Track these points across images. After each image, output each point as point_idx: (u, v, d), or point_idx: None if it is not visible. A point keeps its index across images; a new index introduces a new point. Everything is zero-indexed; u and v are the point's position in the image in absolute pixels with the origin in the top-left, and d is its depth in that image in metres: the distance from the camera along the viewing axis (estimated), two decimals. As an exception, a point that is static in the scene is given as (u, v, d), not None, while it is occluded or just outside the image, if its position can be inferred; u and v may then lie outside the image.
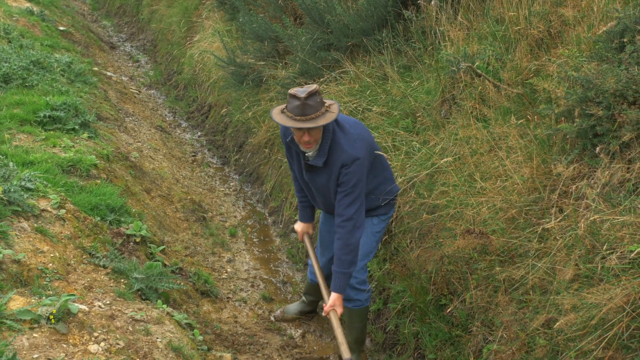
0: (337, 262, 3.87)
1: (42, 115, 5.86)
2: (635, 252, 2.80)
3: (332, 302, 3.86)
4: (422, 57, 5.56)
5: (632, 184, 3.15)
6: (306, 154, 3.87)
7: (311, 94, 3.57)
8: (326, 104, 3.68)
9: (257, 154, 7.41)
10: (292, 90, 3.62)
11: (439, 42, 5.40)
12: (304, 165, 3.95)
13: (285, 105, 3.70)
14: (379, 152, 4.04)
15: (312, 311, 5.02)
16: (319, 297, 4.94)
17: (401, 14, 5.84)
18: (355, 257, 3.88)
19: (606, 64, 3.52)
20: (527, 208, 3.69)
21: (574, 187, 3.49)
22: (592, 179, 3.41)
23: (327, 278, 4.68)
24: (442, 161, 4.39)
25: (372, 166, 3.97)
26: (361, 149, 3.80)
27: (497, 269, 3.62)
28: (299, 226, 4.51)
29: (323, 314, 3.90)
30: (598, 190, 3.30)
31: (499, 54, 4.71)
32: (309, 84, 6.18)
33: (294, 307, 5.01)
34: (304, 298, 4.97)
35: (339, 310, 3.86)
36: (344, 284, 3.90)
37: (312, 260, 4.29)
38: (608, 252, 3.00)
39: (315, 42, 6.50)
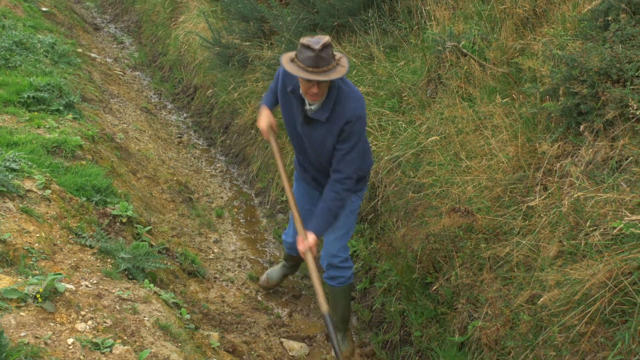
0: (323, 210, 3.78)
1: (25, 96, 5.80)
2: (618, 228, 2.83)
3: (312, 241, 3.74)
4: (408, 36, 5.56)
5: (616, 162, 3.18)
6: (306, 107, 3.72)
7: (325, 46, 3.41)
8: (336, 57, 3.54)
9: (243, 135, 7.40)
10: (305, 40, 3.45)
11: (424, 22, 5.40)
12: (302, 117, 3.78)
13: (294, 53, 3.53)
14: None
15: (294, 272, 5.11)
16: (299, 262, 4.95)
17: (387, -7, 5.84)
18: (340, 211, 3.84)
19: (591, 43, 3.54)
20: (512, 186, 3.73)
21: (558, 165, 3.52)
22: (576, 156, 3.44)
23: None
24: (428, 140, 4.41)
25: None
26: (363, 109, 3.70)
27: (482, 246, 3.65)
28: (265, 119, 4.14)
29: (300, 249, 3.75)
30: (582, 168, 3.33)
31: (484, 33, 4.72)
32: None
33: (276, 273, 5.05)
34: (284, 263, 5.02)
35: (314, 250, 3.75)
36: (325, 229, 3.82)
37: (281, 171, 4.02)
38: (591, 228, 3.04)
39: (301, 22, 6.47)
